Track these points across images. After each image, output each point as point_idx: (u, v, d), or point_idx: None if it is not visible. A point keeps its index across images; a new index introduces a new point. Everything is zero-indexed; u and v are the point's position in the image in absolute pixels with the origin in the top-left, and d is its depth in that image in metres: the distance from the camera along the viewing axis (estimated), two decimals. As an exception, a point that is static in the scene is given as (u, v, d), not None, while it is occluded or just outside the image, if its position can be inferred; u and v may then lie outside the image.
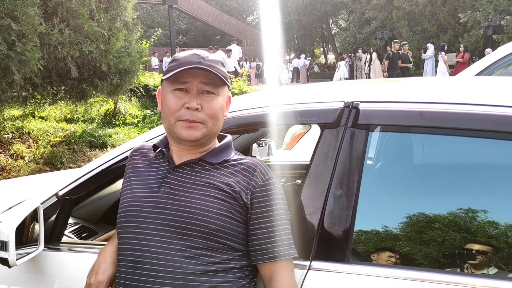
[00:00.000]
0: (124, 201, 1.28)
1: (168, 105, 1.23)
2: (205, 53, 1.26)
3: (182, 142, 1.26)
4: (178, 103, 1.22)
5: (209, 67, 1.21)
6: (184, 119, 1.21)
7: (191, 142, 1.24)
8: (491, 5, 17.29)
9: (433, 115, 1.27)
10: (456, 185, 1.34)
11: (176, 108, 1.22)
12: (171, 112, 1.23)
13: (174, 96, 1.23)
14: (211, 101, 1.23)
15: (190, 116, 1.21)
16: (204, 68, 1.20)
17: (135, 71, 6.53)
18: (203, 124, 1.23)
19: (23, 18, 4.84)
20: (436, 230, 1.26)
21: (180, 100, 1.22)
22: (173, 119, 1.23)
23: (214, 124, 1.25)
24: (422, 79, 1.70)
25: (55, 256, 1.53)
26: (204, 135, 1.24)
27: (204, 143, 1.27)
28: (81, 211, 1.99)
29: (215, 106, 1.23)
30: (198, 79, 1.21)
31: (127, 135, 7.47)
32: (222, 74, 1.24)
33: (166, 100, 1.25)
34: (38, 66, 4.99)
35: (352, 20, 26.85)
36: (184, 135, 1.22)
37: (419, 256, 1.27)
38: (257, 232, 1.21)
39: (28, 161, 5.90)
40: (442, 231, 1.26)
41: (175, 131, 1.24)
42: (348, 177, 1.30)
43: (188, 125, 1.21)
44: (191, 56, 1.24)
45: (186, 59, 1.23)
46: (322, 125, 1.39)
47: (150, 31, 22.99)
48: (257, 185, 1.23)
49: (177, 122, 1.22)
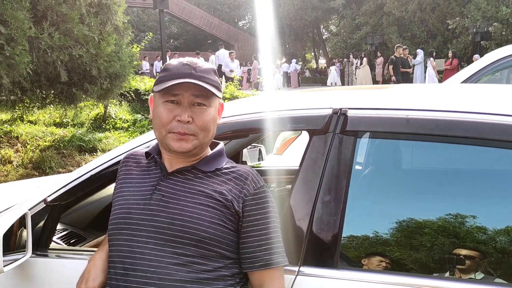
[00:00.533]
0: (116, 208, 1.28)
1: (159, 117, 1.23)
2: (197, 62, 1.25)
3: (173, 153, 1.26)
4: (169, 116, 1.22)
5: (200, 79, 1.20)
6: (175, 132, 1.21)
7: (182, 154, 1.25)
8: (479, 12, 17.53)
9: (419, 122, 1.29)
10: (443, 190, 1.35)
11: (167, 120, 1.22)
12: (162, 125, 1.23)
13: (165, 108, 1.22)
14: (202, 113, 1.23)
15: (181, 129, 1.21)
16: (195, 83, 1.19)
17: (126, 75, 6.51)
18: (194, 136, 1.22)
19: (12, 22, 4.80)
20: (424, 235, 1.28)
21: (171, 112, 1.22)
22: (164, 131, 1.23)
23: (205, 135, 1.25)
24: (410, 86, 1.72)
25: (43, 262, 1.52)
26: (195, 146, 1.24)
27: (196, 153, 1.27)
28: (69, 217, 1.98)
29: (207, 117, 1.23)
30: (189, 91, 1.21)
31: (118, 139, 7.43)
32: (214, 84, 1.24)
33: (157, 112, 1.24)
34: (27, 70, 4.95)
35: (343, 26, 27.00)
36: (175, 147, 1.22)
37: (407, 261, 1.29)
38: (249, 240, 1.21)
39: (16, 165, 5.84)
40: (429, 236, 1.27)
41: (166, 142, 1.24)
42: (336, 183, 1.31)
43: (179, 137, 1.21)
44: (182, 66, 1.23)
45: (177, 70, 1.22)
46: (311, 132, 1.40)
47: (141, 35, 22.92)
48: (248, 193, 1.23)
49: (168, 134, 1.22)
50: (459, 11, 18.86)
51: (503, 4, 16.71)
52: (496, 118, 1.22)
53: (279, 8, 27.86)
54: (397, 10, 20.72)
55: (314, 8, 26.76)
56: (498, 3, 17.01)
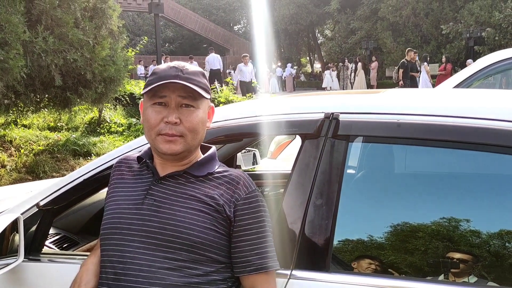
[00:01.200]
0: (108, 212, 1.28)
1: (148, 119, 1.24)
2: (184, 65, 1.26)
3: (163, 156, 1.27)
4: (157, 118, 1.22)
5: (186, 80, 1.21)
6: (163, 133, 1.22)
7: (172, 156, 1.25)
8: (473, 17, 17.69)
9: (410, 127, 1.30)
10: (434, 194, 1.36)
11: (155, 122, 1.22)
12: (151, 127, 1.23)
13: (153, 110, 1.23)
14: (190, 115, 1.23)
15: (169, 130, 1.21)
16: (180, 83, 1.20)
17: (121, 79, 6.51)
18: (182, 137, 1.23)
19: (6, 26, 4.79)
20: (416, 239, 1.29)
21: (159, 114, 1.22)
22: (154, 134, 1.23)
23: (194, 137, 1.25)
24: (402, 91, 1.74)
25: (36, 267, 1.52)
26: (183, 149, 1.24)
27: (186, 156, 1.27)
28: (62, 221, 1.98)
29: (194, 119, 1.23)
30: (176, 92, 1.21)
31: (112, 143, 7.41)
32: (202, 86, 1.24)
33: (146, 114, 1.25)
34: (21, 74, 4.94)
35: (337, 30, 27.14)
36: (164, 149, 1.22)
37: (400, 265, 1.30)
38: (240, 245, 1.22)
39: (9, 170, 5.81)
40: (422, 239, 1.28)
41: (155, 145, 1.25)
42: (328, 187, 1.32)
43: (168, 140, 1.22)
44: (169, 69, 1.23)
45: (164, 72, 1.23)
46: (303, 136, 1.41)
47: (136, 39, 22.92)
48: (240, 197, 1.23)
49: (157, 137, 1.23)
50: (452, 16, 19.02)
51: (496, 10, 16.88)
52: (488, 123, 1.24)
53: (274, 13, 27.96)
54: (391, 15, 20.86)
55: (309, 12, 26.89)
56: (491, 8, 17.17)
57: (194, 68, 1.27)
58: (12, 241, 1.53)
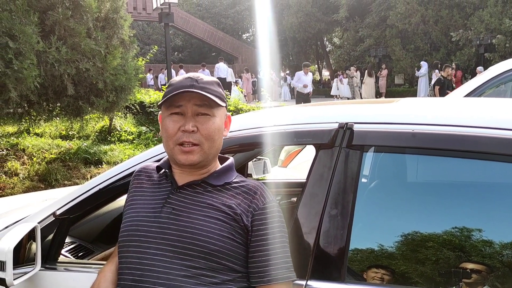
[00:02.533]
0: (127, 220, 1.30)
1: (166, 129, 1.27)
2: (199, 75, 1.29)
3: (182, 166, 1.29)
4: (175, 127, 1.25)
5: (201, 89, 1.24)
6: (181, 142, 1.24)
7: (190, 166, 1.27)
8: (482, 24, 17.60)
9: (425, 137, 1.30)
10: (449, 204, 1.36)
11: (173, 132, 1.25)
12: (169, 137, 1.26)
13: (171, 120, 1.26)
14: (206, 122, 1.26)
15: (186, 138, 1.24)
16: (196, 92, 1.23)
17: (131, 88, 6.57)
18: (199, 147, 1.25)
19: (20, 36, 4.87)
20: (431, 249, 1.28)
21: (176, 123, 1.25)
22: (172, 144, 1.26)
23: (211, 145, 1.27)
24: (415, 100, 1.74)
25: (52, 275, 1.53)
26: (201, 158, 1.26)
27: (204, 165, 1.30)
28: (77, 230, 1.99)
29: (211, 127, 1.26)
30: (192, 101, 1.25)
31: (122, 151, 7.46)
32: (217, 94, 1.27)
33: (164, 124, 1.28)
34: (34, 83, 5.01)
35: (346, 38, 27.14)
36: (182, 160, 1.25)
37: (414, 275, 1.29)
38: (257, 255, 1.22)
39: (22, 178, 5.87)
40: (436, 250, 1.27)
41: (173, 156, 1.27)
42: (343, 197, 1.32)
43: (185, 150, 1.24)
44: (185, 80, 1.27)
45: (180, 83, 1.26)
46: (317, 146, 1.41)
47: (146, 48, 23.13)
48: (257, 207, 1.24)
49: (176, 147, 1.26)
50: (462, 23, 18.93)
51: (506, 17, 16.77)
52: (503, 133, 1.23)
53: (282, 21, 28.07)
54: (400, 22, 20.83)
55: (318, 20, 26.94)
56: (501, 15, 17.07)
57: (208, 78, 1.31)
58: (29, 249, 1.55)
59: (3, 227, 1.74)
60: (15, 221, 1.77)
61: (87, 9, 5.63)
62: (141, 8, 20.91)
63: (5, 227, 1.73)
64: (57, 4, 5.32)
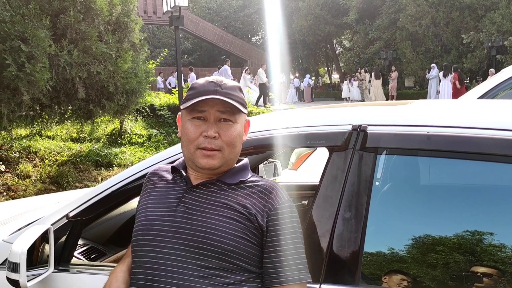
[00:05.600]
0: (141, 219, 1.29)
1: (187, 133, 1.26)
2: (222, 80, 1.28)
3: (200, 170, 1.28)
4: (197, 132, 1.25)
5: (225, 95, 1.23)
6: (202, 147, 1.24)
7: (210, 170, 1.27)
8: (494, 26, 17.44)
9: (440, 139, 1.28)
10: (464, 207, 1.34)
11: (194, 136, 1.25)
12: (190, 141, 1.26)
13: (193, 124, 1.26)
14: (228, 129, 1.25)
15: (208, 144, 1.23)
16: (220, 98, 1.22)
17: (142, 91, 6.61)
18: (220, 152, 1.25)
19: (33, 40, 4.93)
20: (446, 252, 1.26)
21: (198, 128, 1.25)
22: (193, 148, 1.26)
23: (231, 151, 1.27)
24: (429, 102, 1.72)
25: (65, 277, 1.54)
26: (221, 163, 1.26)
27: (223, 170, 1.29)
28: (89, 232, 2.00)
29: (233, 133, 1.26)
30: (215, 107, 1.24)
31: (133, 154, 7.50)
32: (239, 100, 1.27)
33: (185, 128, 1.28)
34: (46, 86, 5.06)
35: (356, 41, 27.09)
36: (202, 163, 1.25)
37: (429, 279, 1.27)
38: (272, 255, 1.21)
39: (34, 180, 5.92)
40: (452, 253, 1.25)
41: (194, 159, 1.27)
42: (357, 199, 1.31)
43: (206, 154, 1.24)
44: (208, 84, 1.26)
45: (203, 88, 1.25)
46: (330, 148, 1.40)
47: (156, 51, 23.26)
48: (273, 207, 1.24)
49: (197, 151, 1.25)
50: (473, 25, 18.78)
51: (518, 18, 16.61)
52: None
53: (292, 24, 28.09)
54: (410, 25, 20.72)
55: (327, 23, 26.93)
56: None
57: (231, 83, 1.30)
58: (42, 251, 1.55)
59: (16, 229, 1.75)
60: (28, 223, 1.78)
61: (99, 13, 5.68)
62: (151, 11, 21.05)
63: (18, 229, 1.74)
64: (68, 7, 5.38)
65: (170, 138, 8.88)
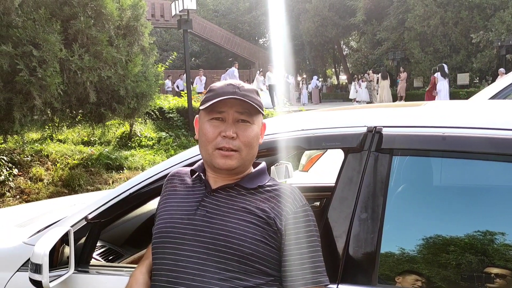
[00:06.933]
0: (161, 222, 1.31)
1: (205, 134, 1.28)
2: (240, 83, 1.31)
3: (218, 171, 1.30)
4: (215, 132, 1.27)
5: (244, 97, 1.26)
6: (220, 147, 1.26)
7: (227, 171, 1.29)
8: (504, 25, 17.30)
9: (456, 140, 1.29)
10: (481, 208, 1.34)
11: (213, 136, 1.27)
12: (208, 141, 1.28)
13: (211, 125, 1.28)
14: (246, 130, 1.28)
15: (226, 144, 1.25)
16: (239, 99, 1.25)
17: (152, 94, 6.66)
18: (238, 152, 1.27)
19: (44, 44, 4.99)
20: (463, 252, 1.27)
21: (217, 129, 1.27)
22: (211, 148, 1.28)
23: (249, 152, 1.29)
24: (442, 103, 1.72)
25: (85, 278, 1.56)
26: (239, 164, 1.28)
27: (240, 171, 1.31)
28: (107, 234, 2.03)
29: (250, 134, 1.28)
30: (234, 108, 1.27)
31: (143, 157, 7.55)
32: (257, 103, 1.29)
33: (203, 129, 1.30)
34: (58, 91, 5.12)
35: (363, 41, 27.02)
36: (220, 163, 1.27)
37: (446, 280, 1.28)
38: (291, 258, 1.23)
39: (46, 183, 5.99)
40: (470, 254, 1.26)
41: (212, 160, 1.28)
42: (373, 200, 1.32)
43: (224, 154, 1.26)
44: (226, 86, 1.29)
45: (222, 89, 1.28)
46: (346, 150, 1.42)
47: (164, 55, 23.39)
48: (291, 211, 1.25)
49: (215, 151, 1.27)
50: (482, 24, 18.64)
51: (528, 17, 16.47)
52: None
53: (299, 26, 28.08)
54: (419, 25, 20.61)
55: (335, 24, 26.88)
56: (522, 16, 16.78)
57: (249, 86, 1.32)
58: (62, 253, 1.58)
59: (36, 232, 1.79)
60: (46, 226, 1.81)
61: (109, 18, 5.74)
62: (159, 15, 21.17)
63: (37, 232, 1.78)
64: (79, 13, 5.44)
65: (179, 141, 8.93)
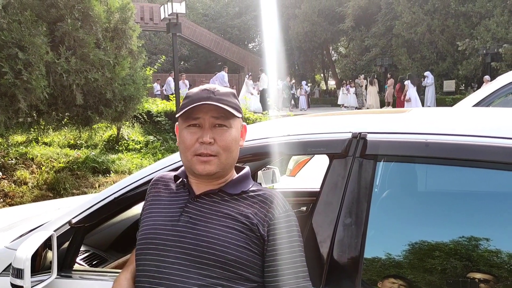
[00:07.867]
0: (144, 228, 1.31)
1: (183, 141, 1.29)
2: (215, 87, 1.31)
3: (199, 176, 1.30)
4: (192, 138, 1.27)
5: (218, 101, 1.25)
6: (199, 153, 1.26)
7: (208, 176, 1.29)
8: (489, 34, 17.59)
9: (438, 146, 1.31)
10: (464, 214, 1.36)
11: (190, 143, 1.27)
12: (187, 148, 1.28)
13: (188, 132, 1.28)
14: (223, 134, 1.27)
15: (204, 149, 1.25)
16: (213, 104, 1.24)
17: (140, 97, 6.62)
18: (217, 157, 1.27)
19: (29, 47, 4.94)
20: (446, 258, 1.28)
21: (194, 135, 1.27)
22: (190, 155, 1.28)
23: (228, 156, 1.29)
24: (427, 110, 1.74)
25: (67, 283, 1.55)
26: (218, 169, 1.28)
27: (221, 175, 1.31)
28: (91, 239, 2.01)
29: (228, 138, 1.28)
30: (209, 114, 1.26)
31: (130, 161, 7.50)
32: (233, 106, 1.29)
33: (181, 136, 1.30)
34: (43, 94, 5.07)
35: (352, 47, 27.24)
36: (200, 169, 1.26)
37: (427, 284, 1.29)
38: (273, 264, 1.23)
39: (31, 187, 5.91)
40: (452, 259, 1.27)
41: (191, 166, 1.28)
42: (357, 206, 1.33)
43: (203, 160, 1.26)
44: (201, 92, 1.29)
45: (196, 95, 1.28)
46: (330, 155, 1.43)
47: (152, 58, 23.28)
48: (273, 217, 1.25)
49: (193, 158, 1.27)
50: (468, 32, 18.93)
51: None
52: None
53: (288, 30, 28.20)
54: (406, 32, 20.87)
55: (324, 30, 27.05)
56: (507, 24, 17.08)
57: (225, 89, 1.32)
58: (44, 257, 1.56)
59: (18, 236, 1.76)
60: (29, 230, 1.79)
61: (96, 20, 5.70)
62: (148, 18, 21.08)
63: (20, 236, 1.75)
64: (66, 15, 5.39)
65: (167, 145, 8.89)
